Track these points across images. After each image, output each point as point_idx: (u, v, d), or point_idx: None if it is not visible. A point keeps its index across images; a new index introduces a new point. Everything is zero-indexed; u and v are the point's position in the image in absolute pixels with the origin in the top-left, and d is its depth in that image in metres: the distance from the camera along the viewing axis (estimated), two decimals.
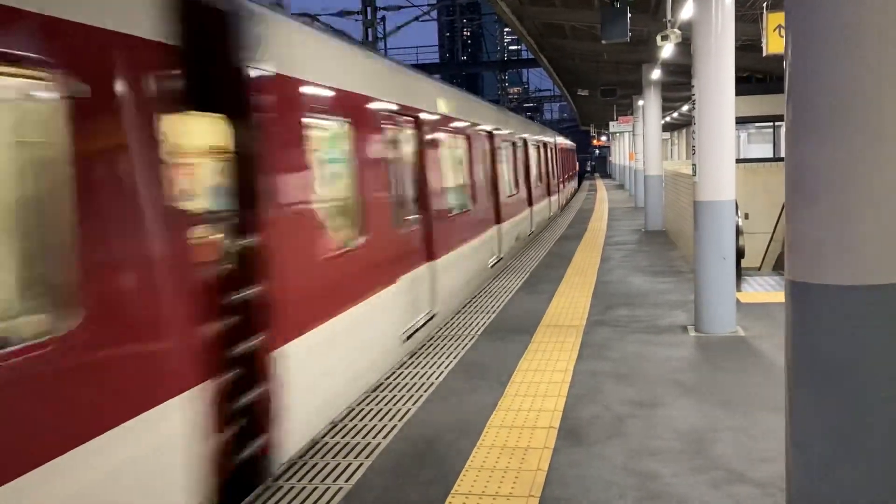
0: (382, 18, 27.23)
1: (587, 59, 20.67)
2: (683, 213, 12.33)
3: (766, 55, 8.69)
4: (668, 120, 33.71)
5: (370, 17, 25.17)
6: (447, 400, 5.78)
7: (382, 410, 5.57)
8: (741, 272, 10.19)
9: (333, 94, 5.90)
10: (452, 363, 6.75)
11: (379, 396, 5.90)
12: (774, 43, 8.55)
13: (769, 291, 9.52)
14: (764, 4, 9.08)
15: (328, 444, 4.97)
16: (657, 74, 17.54)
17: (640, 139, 23.31)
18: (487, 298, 9.75)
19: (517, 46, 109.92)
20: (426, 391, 5.99)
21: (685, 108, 27.06)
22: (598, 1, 13.19)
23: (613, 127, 34.48)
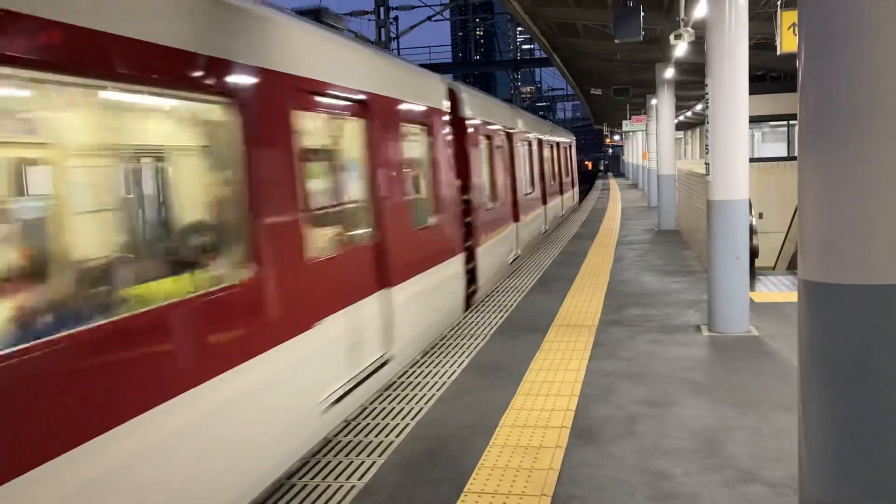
0: (395, 18, 27.32)
1: (600, 58, 20.64)
2: (697, 212, 12.29)
3: (780, 54, 8.65)
4: (681, 119, 33.60)
5: (383, 16, 25.22)
6: (460, 399, 5.80)
7: (395, 409, 5.60)
8: (755, 272, 10.15)
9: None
10: (465, 362, 6.76)
11: (392, 395, 5.92)
12: (788, 41, 8.52)
13: (783, 291, 9.48)
14: (778, 2, 9.04)
15: (341, 442, 5.00)
16: (670, 73, 17.48)
17: (653, 138, 23.23)
18: (500, 297, 9.76)
19: (530, 46, 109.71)
20: (439, 390, 6.01)
21: (699, 106, 26.96)
22: (611, 0, 13.17)
23: (626, 126, 34.40)
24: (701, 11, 9.15)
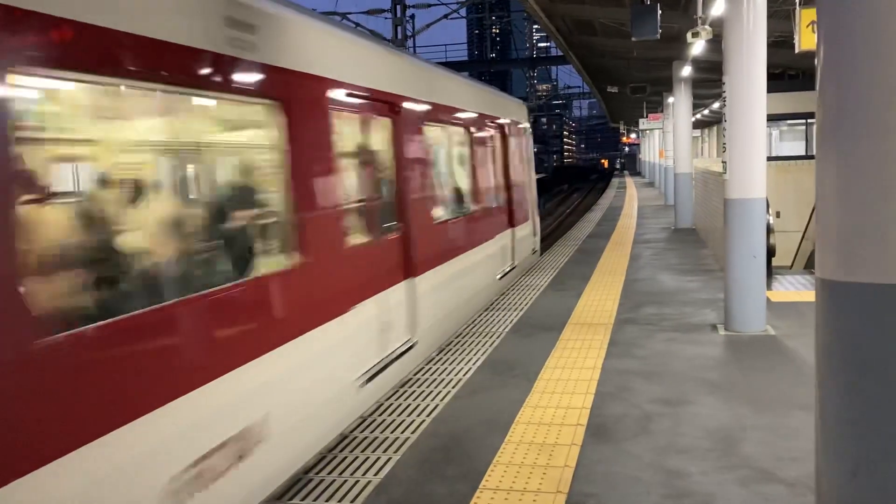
0: (411, 16, 27.35)
1: (617, 56, 20.56)
2: (713, 210, 12.24)
3: (798, 52, 8.59)
4: (698, 117, 33.42)
5: (399, 14, 25.24)
6: (475, 396, 5.81)
7: (410, 406, 5.62)
8: (772, 271, 10.10)
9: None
10: (480, 359, 6.78)
11: (407, 392, 5.94)
12: (807, 39, 8.45)
13: (800, 290, 9.43)
14: (796, 0, 8.97)
15: (357, 437, 5.03)
16: (687, 71, 17.41)
17: (669, 136, 23.15)
18: (515, 295, 9.76)
19: (546, 43, 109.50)
20: (454, 387, 6.02)
21: (716, 105, 26.81)
22: None
23: (643, 124, 34.30)
24: (718, 9, 9.10)
